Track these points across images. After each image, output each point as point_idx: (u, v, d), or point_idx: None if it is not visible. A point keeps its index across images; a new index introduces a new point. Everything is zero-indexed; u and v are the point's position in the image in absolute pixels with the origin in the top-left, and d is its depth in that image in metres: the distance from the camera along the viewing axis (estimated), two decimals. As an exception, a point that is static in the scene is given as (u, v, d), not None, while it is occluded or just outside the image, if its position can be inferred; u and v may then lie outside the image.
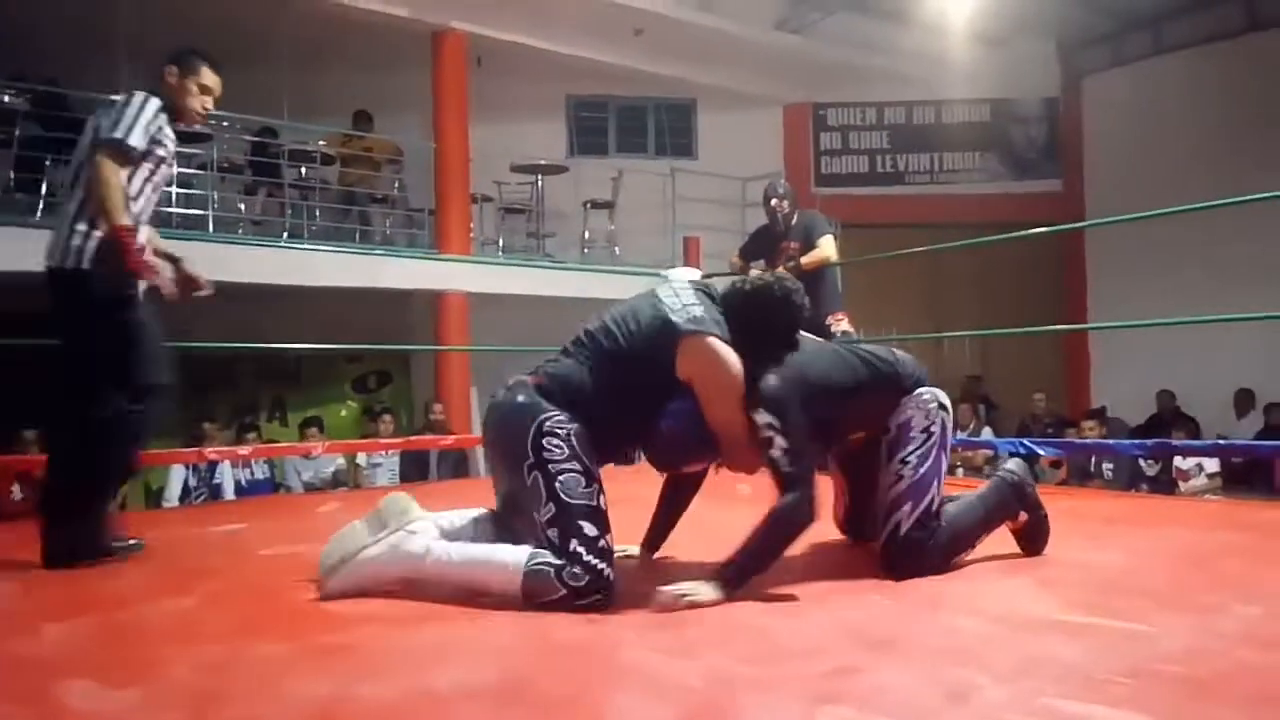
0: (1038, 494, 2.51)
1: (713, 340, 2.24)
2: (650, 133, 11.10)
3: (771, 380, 2.24)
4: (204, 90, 3.08)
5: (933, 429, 2.37)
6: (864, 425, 2.46)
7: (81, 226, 2.80)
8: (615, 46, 9.44)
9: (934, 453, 2.35)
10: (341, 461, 7.61)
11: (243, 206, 8.33)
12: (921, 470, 2.33)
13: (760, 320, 2.35)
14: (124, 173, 2.81)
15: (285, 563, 2.77)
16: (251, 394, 9.52)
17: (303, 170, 8.49)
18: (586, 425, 2.19)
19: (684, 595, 2.04)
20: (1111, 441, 6.97)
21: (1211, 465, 7.08)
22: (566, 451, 2.13)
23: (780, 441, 2.19)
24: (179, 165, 7.56)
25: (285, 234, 8.04)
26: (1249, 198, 4.28)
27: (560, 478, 2.11)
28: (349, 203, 8.72)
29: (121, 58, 7.71)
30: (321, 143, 8.59)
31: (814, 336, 2.68)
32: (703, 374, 2.25)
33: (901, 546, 2.31)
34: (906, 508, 2.31)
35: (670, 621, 1.93)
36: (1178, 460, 7.12)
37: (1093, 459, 7.23)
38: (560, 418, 2.18)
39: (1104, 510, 3.72)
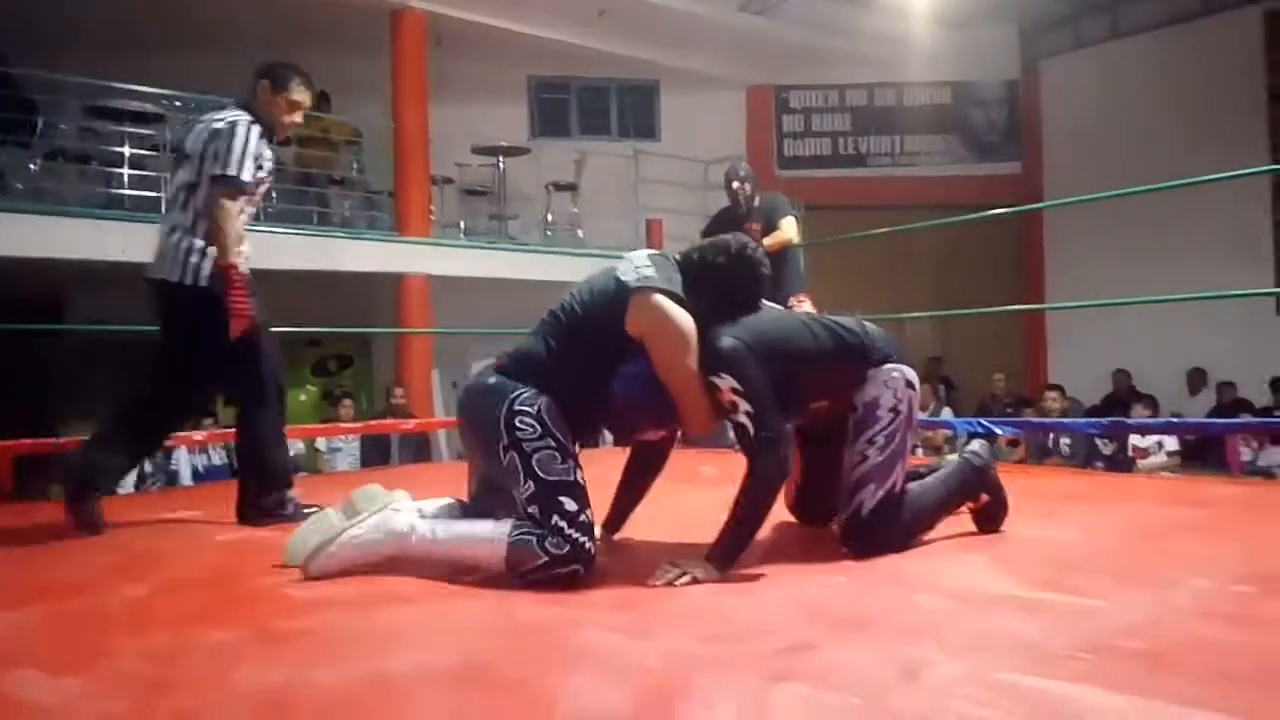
0: (998, 476, 2.53)
1: (660, 296, 2.22)
2: (613, 114, 11.05)
3: (727, 341, 2.20)
4: (294, 106, 3.24)
5: (900, 408, 2.34)
6: (828, 394, 2.40)
7: (199, 244, 3.07)
8: (578, 27, 9.36)
9: (900, 433, 2.34)
10: (300, 446, 7.52)
11: (197, 188, 8.16)
12: (888, 451, 2.32)
13: (716, 277, 2.34)
14: (238, 205, 3.05)
15: (241, 549, 2.74)
16: (208, 379, 9.36)
17: (259, 151, 8.33)
18: (554, 399, 2.19)
19: (683, 574, 2.06)
20: (1067, 420, 7.06)
21: (1171, 443, 7.20)
22: (539, 429, 2.14)
23: (745, 406, 2.17)
24: (131, 146, 7.41)
25: (241, 216, 7.89)
26: (1203, 179, 4.34)
27: (535, 456, 2.12)
28: (307, 184, 8.58)
29: (75, 39, 7.54)
30: (278, 123, 8.44)
31: (778, 307, 2.68)
32: (651, 330, 2.22)
33: (864, 525, 2.31)
34: (871, 487, 2.31)
35: (629, 602, 1.93)
36: (1136, 438, 7.23)
37: (1050, 436, 7.33)
38: (527, 394, 2.18)
39: (1060, 488, 3.76)
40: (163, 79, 7.40)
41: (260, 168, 3.09)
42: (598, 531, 2.55)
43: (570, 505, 2.09)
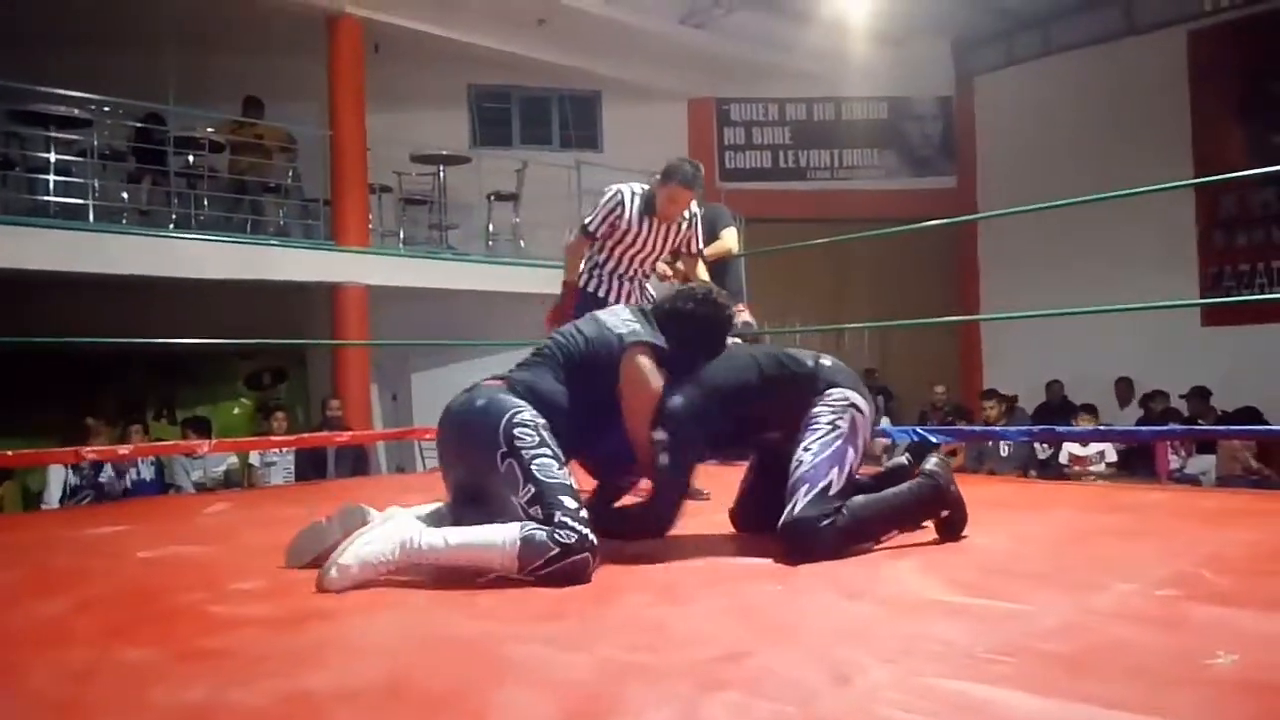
0: (958, 491, 2.53)
1: (641, 358, 2.49)
2: (555, 124, 11.03)
3: (676, 399, 2.44)
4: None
5: (839, 423, 2.43)
6: (778, 425, 2.54)
7: None
8: (518, 36, 9.34)
9: (837, 443, 2.40)
10: (234, 460, 7.36)
11: (126, 195, 7.97)
12: (821, 456, 2.37)
13: (684, 322, 2.60)
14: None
15: (165, 565, 2.66)
16: (139, 391, 9.13)
17: (190, 158, 8.16)
18: (550, 422, 2.37)
19: None
20: (999, 429, 7.19)
21: (1111, 454, 7.37)
22: (538, 439, 2.29)
23: (664, 458, 2.41)
24: (56, 152, 7.21)
25: (172, 224, 7.72)
26: (1131, 191, 4.46)
27: (535, 462, 2.25)
28: (240, 192, 8.42)
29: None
30: (210, 129, 8.28)
31: (739, 341, 2.81)
32: (625, 389, 2.49)
33: (793, 526, 2.34)
34: (803, 489, 2.35)
35: (559, 614, 1.91)
36: (1076, 448, 7.39)
37: (990, 443, 7.46)
38: (529, 413, 2.34)
39: (993, 495, 3.82)
40: (91, 83, 7.21)
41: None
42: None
43: (570, 503, 2.21)
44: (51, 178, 7.16)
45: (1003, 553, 2.46)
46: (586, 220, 3.99)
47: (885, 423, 8.37)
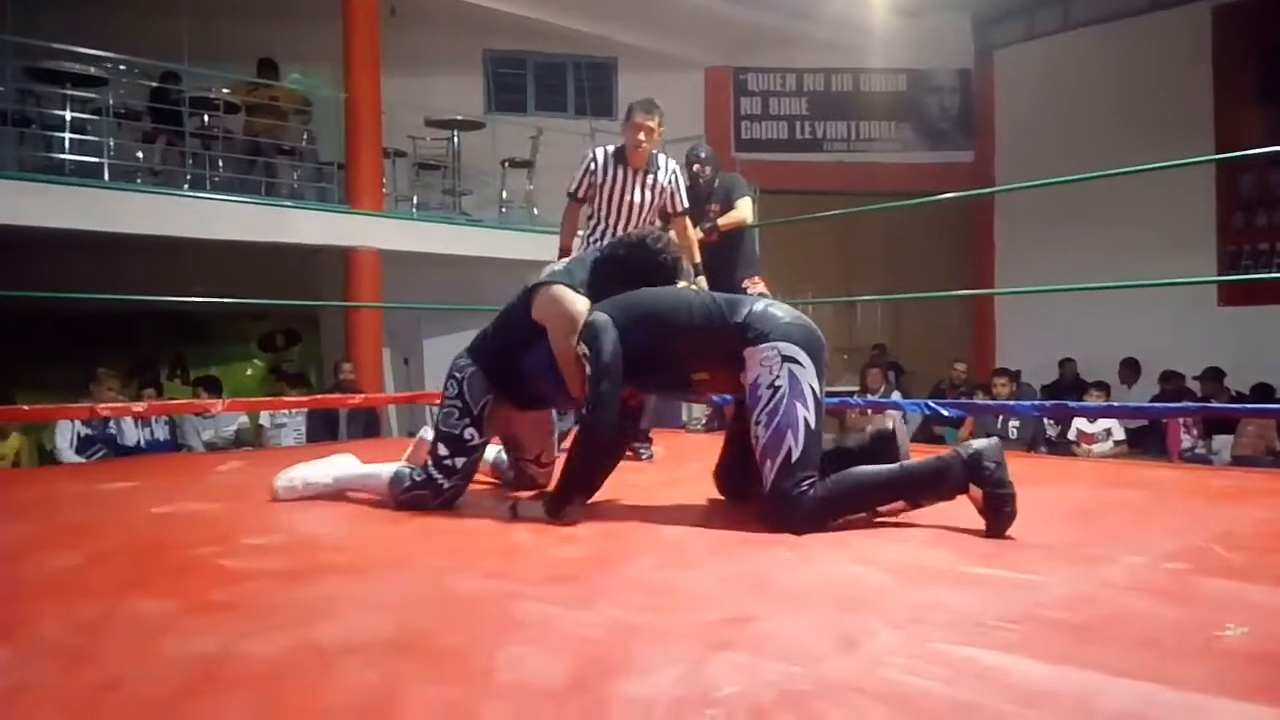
0: (1001, 473, 2.30)
1: (557, 288, 2.72)
2: (570, 91, 10.95)
3: (593, 315, 2.55)
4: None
5: (778, 383, 2.38)
6: (707, 367, 2.54)
7: None
8: (534, 1, 9.26)
9: (784, 405, 2.35)
10: (244, 420, 7.39)
11: (140, 155, 7.96)
12: (773, 425, 2.35)
13: (614, 266, 2.79)
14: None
15: (177, 520, 2.68)
16: (152, 351, 9.18)
17: (205, 118, 8.14)
18: (486, 372, 2.74)
19: (515, 508, 2.58)
20: (1011, 403, 7.16)
21: (1119, 432, 7.34)
22: (455, 391, 2.71)
23: (588, 368, 2.46)
24: (72, 110, 7.20)
25: (187, 184, 7.71)
26: (1151, 166, 4.40)
27: (444, 410, 2.72)
28: (254, 153, 8.40)
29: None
30: (225, 90, 8.25)
31: (693, 287, 3.04)
32: (544, 314, 2.72)
33: (771, 500, 2.35)
34: (768, 464, 2.34)
35: (568, 576, 1.91)
36: (1085, 425, 7.35)
37: (999, 419, 7.43)
38: (462, 362, 2.75)
39: (1003, 469, 3.81)
40: (105, 41, 7.19)
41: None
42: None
43: (442, 450, 2.66)
44: (67, 135, 7.15)
45: (1014, 525, 2.45)
46: (569, 187, 4.19)
47: (896, 396, 8.36)
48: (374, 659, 1.41)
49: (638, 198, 4.12)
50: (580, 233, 4.28)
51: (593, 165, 4.12)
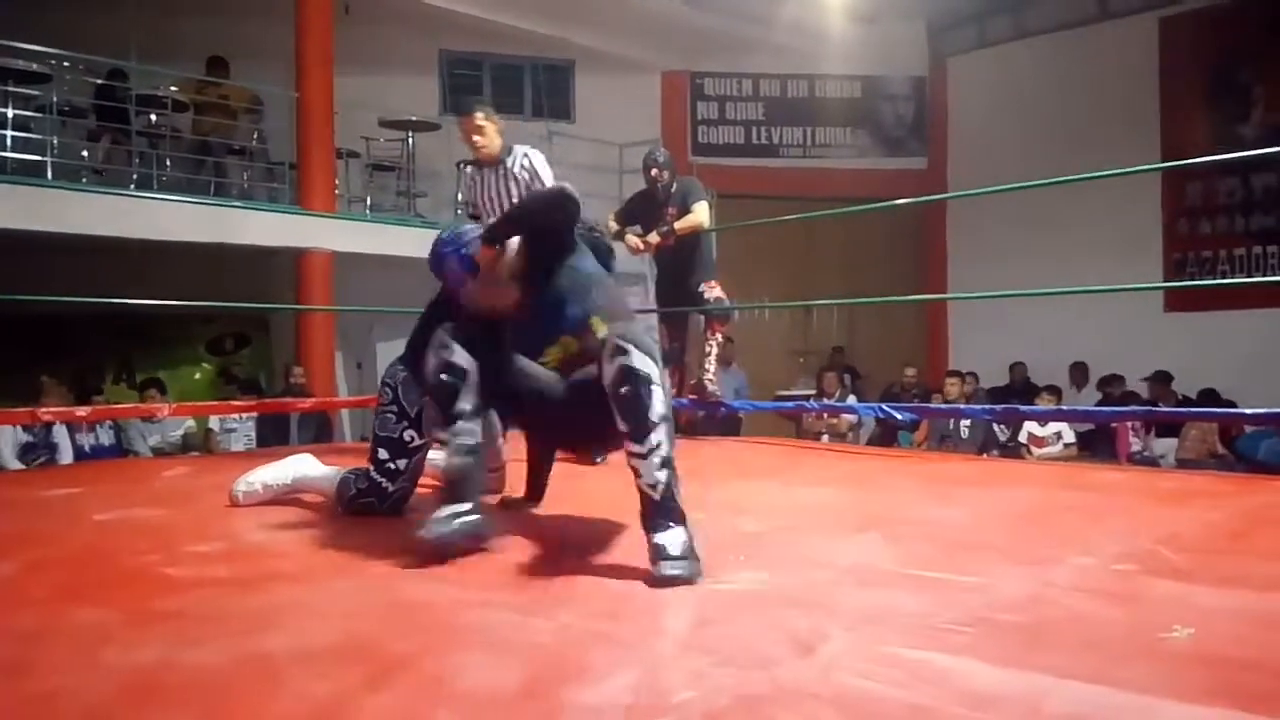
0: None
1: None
2: (527, 93, 10.91)
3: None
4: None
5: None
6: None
7: None
8: (492, 2, 9.20)
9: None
10: (192, 425, 7.26)
11: (85, 154, 7.78)
12: None
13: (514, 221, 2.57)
14: None
15: (121, 527, 2.62)
16: (96, 355, 8.97)
17: (152, 117, 7.97)
18: (418, 375, 2.48)
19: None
20: (963, 406, 7.26)
21: (1069, 435, 7.46)
22: (390, 396, 2.63)
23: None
24: (13, 107, 7.01)
25: (133, 184, 7.55)
26: (1099, 174, 4.47)
27: (380, 417, 2.65)
28: (203, 153, 8.25)
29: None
30: (174, 88, 8.09)
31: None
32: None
33: None
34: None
35: (519, 582, 1.90)
36: (1035, 428, 7.47)
37: (951, 421, 7.53)
38: (394, 370, 2.67)
39: (954, 473, 3.86)
40: (49, 37, 7.01)
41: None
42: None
43: (383, 454, 2.62)
44: (10, 133, 6.97)
45: (962, 527, 2.48)
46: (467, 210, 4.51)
47: (852, 400, 8.43)
48: (322, 668, 1.38)
49: (494, 190, 4.37)
50: None
51: (463, 179, 4.53)
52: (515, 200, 4.29)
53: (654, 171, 5.15)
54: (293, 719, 1.22)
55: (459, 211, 9.34)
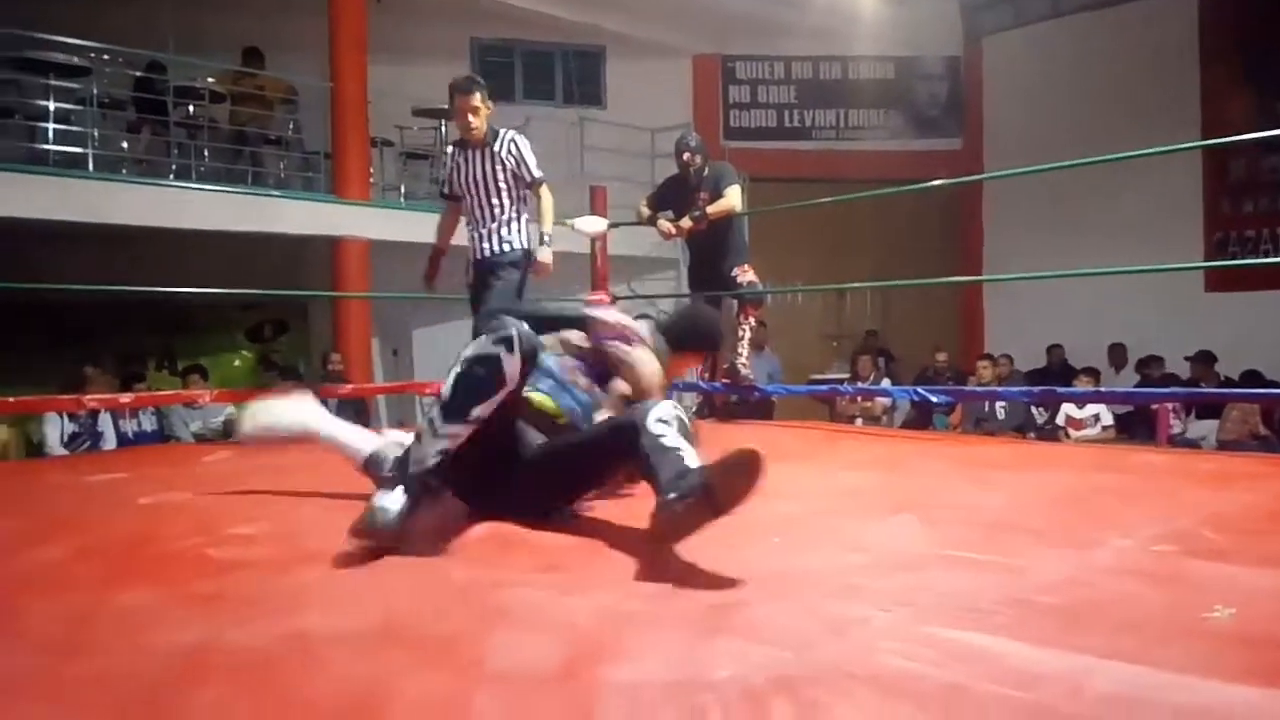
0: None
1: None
2: (558, 80, 10.91)
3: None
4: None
5: None
6: None
7: None
8: (522, -12, 9.22)
9: None
10: (232, 410, 7.35)
11: (125, 145, 7.89)
12: None
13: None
14: None
15: (164, 511, 2.66)
16: (138, 343, 9.13)
17: (190, 108, 8.08)
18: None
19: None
20: (999, 389, 7.19)
21: (1107, 418, 7.37)
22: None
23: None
24: (55, 100, 7.13)
25: (172, 174, 7.66)
26: (1137, 153, 4.41)
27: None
28: (240, 143, 8.35)
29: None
30: (210, 80, 8.19)
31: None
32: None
33: None
34: None
35: (556, 564, 1.91)
36: (1073, 410, 7.38)
37: (986, 404, 7.47)
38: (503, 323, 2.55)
39: (991, 456, 3.83)
40: (89, 31, 7.12)
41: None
42: None
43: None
44: (51, 126, 7.09)
45: (1001, 509, 2.46)
46: (441, 188, 4.56)
47: (886, 383, 8.38)
48: (362, 648, 1.40)
49: (480, 172, 4.40)
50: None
51: (447, 161, 4.52)
52: (492, 180, 4.37)
53: (686, 156, 5.14)
54: (334, 699, 1.23)
55: (444, 193, 9.38)
